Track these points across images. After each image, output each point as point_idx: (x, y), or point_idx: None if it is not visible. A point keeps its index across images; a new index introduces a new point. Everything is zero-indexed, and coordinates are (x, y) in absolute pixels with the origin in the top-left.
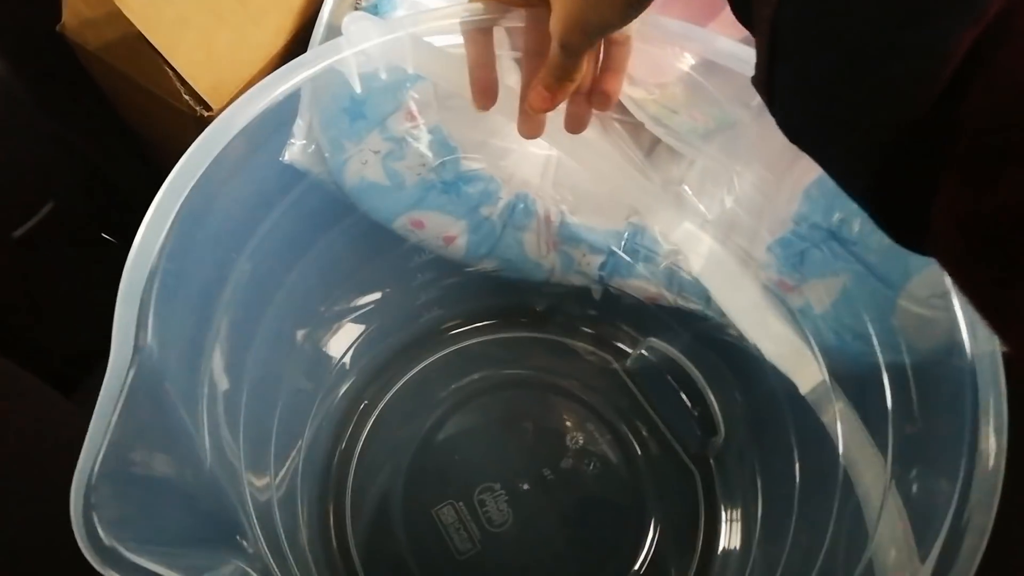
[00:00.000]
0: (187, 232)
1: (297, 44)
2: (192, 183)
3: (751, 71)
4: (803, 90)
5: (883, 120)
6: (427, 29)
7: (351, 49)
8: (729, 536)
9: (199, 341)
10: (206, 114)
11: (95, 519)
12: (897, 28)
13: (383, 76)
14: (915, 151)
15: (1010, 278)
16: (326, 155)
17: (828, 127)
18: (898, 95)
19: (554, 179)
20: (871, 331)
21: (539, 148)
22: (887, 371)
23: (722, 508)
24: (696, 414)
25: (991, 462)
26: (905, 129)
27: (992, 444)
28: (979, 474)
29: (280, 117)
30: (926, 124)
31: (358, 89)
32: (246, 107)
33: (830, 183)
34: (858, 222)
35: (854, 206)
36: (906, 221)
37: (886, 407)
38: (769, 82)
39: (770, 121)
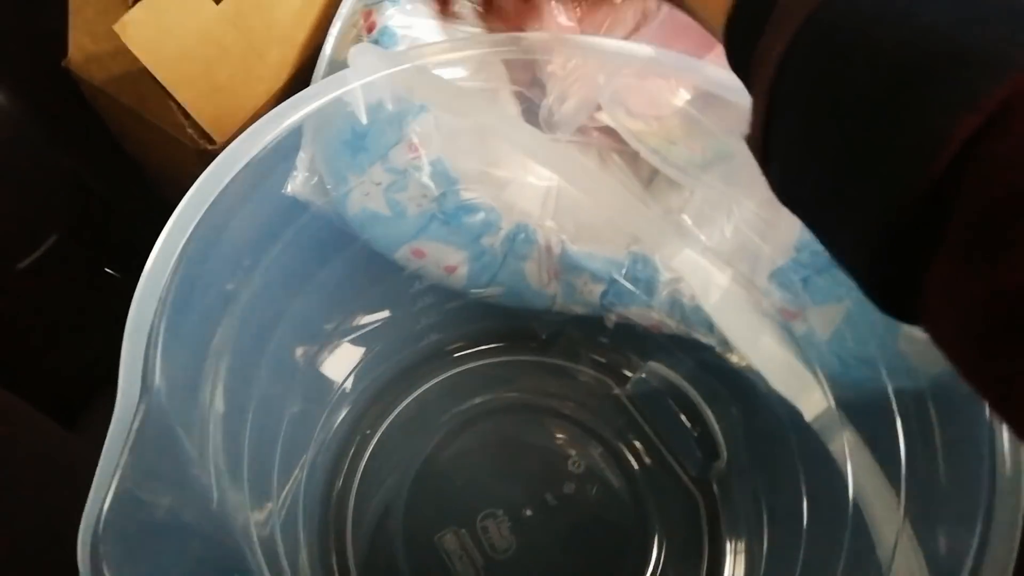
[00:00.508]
0: (192, 267)
1: (300, 78)
2: (198, 217)
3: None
4: (798, 157)
5: (880, 198)
6: (433, 62)
7: (358, 81)
8: (734, 567)
9: (200, 374)
10: (209, 147)
11: (104, 568)
12: (896, 109)
13: (389, 107)
14: (911, 230)
15: (1005, 357)
16: (328, 187)
17: (822, 196)
18: (895, 175)
19: (554, 210)
20: (877, 357)
21: (538, 179)
22: (895, 397)
23: (726, 539)
24: (696, 435)
25: (1012, 488)
26: (901, 208)
27: (1012, 469)
28: (1000, 502)
29: (285, 150)
30: (923, 205)
31: (364, 120)
32: (252, 140)
33: None
34: None
35: None
36: (898, 295)
37: (896, 434)
38: (764, 144)
39: None
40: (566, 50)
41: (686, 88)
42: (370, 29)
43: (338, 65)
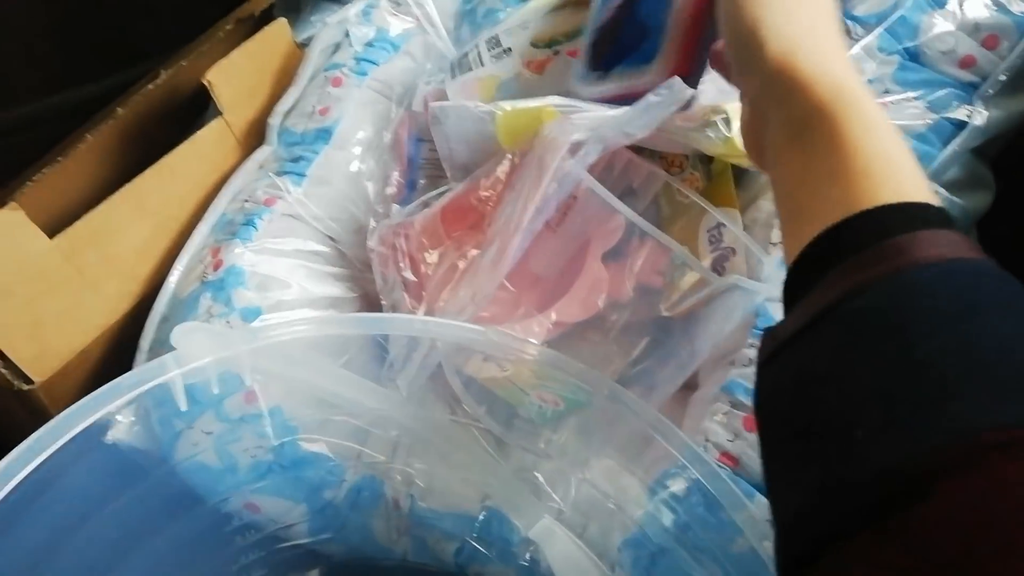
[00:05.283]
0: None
1: (141, 309)
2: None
3: None
4: (807, 382)
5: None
6: (265, 346)
7: (179, 369)
8: None
9: None
10: (25, 387)
11: None
12: (873, 430)
13: (215, 390)
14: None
15: None
16: (156, 430)
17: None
18: (856, 469)
19: (404, 459)
20: None
21: (386, 431)
22: None
23: None
24: None
25: None
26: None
27: None
28: None
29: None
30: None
31: (183, 407)
32: (50, 434)
33: (673, 484)
34: (700, 526)
35: (697, 511)
36: (809, 559)
37: None
38: (779, 347)
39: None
40: (410, 330)
41: (539, 331)
42: (216, 267)
43: (181, 304)
